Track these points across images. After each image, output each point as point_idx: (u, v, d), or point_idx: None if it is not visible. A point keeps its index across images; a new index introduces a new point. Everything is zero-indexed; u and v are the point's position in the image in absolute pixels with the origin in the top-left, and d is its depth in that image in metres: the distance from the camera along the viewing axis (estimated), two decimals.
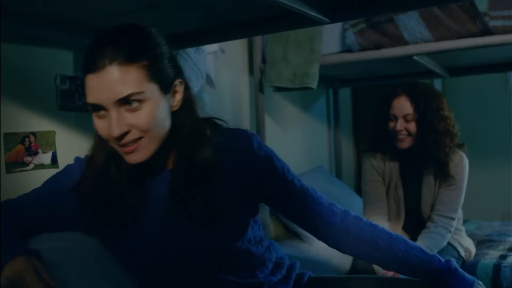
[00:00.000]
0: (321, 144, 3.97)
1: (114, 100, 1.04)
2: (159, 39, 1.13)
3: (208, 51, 2.47)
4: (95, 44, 1.07)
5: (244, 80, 3.01)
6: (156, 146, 1.11)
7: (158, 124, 1.09)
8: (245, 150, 1.21)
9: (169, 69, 1.12)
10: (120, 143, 1.07)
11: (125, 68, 1.03)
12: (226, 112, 2.82)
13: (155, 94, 1.08)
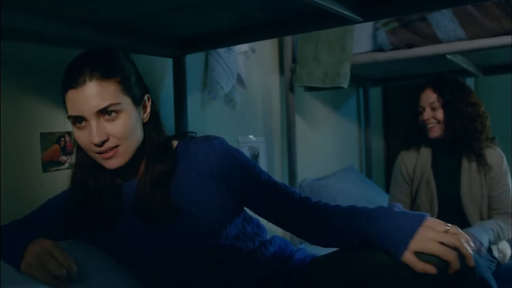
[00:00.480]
0: (352, 144, 3.95)
1: (95, 110, 1.18)
2: (127, 60, 1.29)
3: (239, 51, 2.48)
4: (75, 65, 1.21)
5: (275, 80, 3.01)
6: (132, 153, 1.25)
7: (132, 133, 1.23)
8: (207, 151, 1.32)
9: (138, 85, 1.28)
10: (99, 150, 1.20)
11: (102, 83, 1.18)
12: (257, 112, 2.83)
13: (129, 106, 1.23)
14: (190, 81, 2.12)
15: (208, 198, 1.30)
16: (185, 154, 1.33)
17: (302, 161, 3.10)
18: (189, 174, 1.31)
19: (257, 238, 1.42)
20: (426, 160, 2.36)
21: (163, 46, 1.93)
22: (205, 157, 1.31)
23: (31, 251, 1.14)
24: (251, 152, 2.72)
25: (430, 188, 2.33)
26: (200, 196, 1.30)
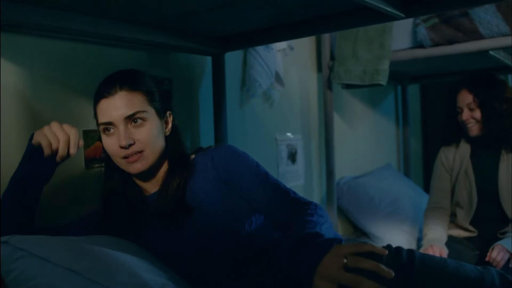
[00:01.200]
0: (389, 142, 3.91)
1: (123, 117, 1.30)
2: (152, 79, 1.44)
3: (277, 48, 2.48)
4: (107, 79, 1.36)
5: (312, 77, 3.00)
6: (154, 160, 1.37)
7: (155, 140, 1.36)
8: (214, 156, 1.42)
9: (161, 100, 1.42)
10: (125, 154, 1.32)
11: (131, 93, 1.32)
12: (295, 109, 2.82)
13: (153, 116, 1.36)
14: (228, 79, 2.13)
15: (219, 201, 1.38)
16: (198, 164, 1.44)
17: (340, 159, 3.08)
18: (200, 181, 1.41)
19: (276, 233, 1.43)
20: (465, 153, 2.42)
21: (202, 44, 1.95)
22: (211, 162, 1.42)
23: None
24: (288, 150, 2.72)
25: (468, 179, 2.37)
26: (211, 199, 1.38)
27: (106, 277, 1.07)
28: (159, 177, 1.44)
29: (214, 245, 1.35)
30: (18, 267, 1.07)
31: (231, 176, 1.40)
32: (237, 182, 1.40)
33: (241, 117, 2.41)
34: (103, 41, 1.77)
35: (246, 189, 1.39)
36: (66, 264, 1.07)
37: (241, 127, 2.40)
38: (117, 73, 1.39)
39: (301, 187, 2.86)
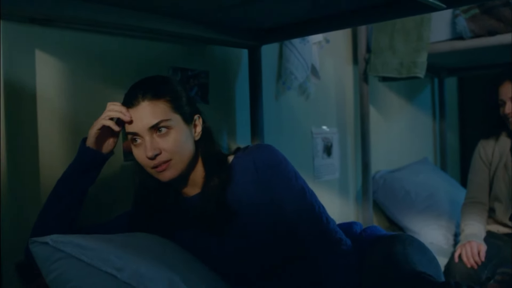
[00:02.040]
0: (426, 136, 3.85)
1: (148, 127, 1.28)
2: (177, 83, 1.41)
3: (313, 41, 2.46)
4: (131, 89, 1.35)
5: (348, 70, 2.97)
6: (183, 167, 1.34)
7: (183, 147, 1.32)
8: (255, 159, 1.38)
9: (188, 105, 1.37)
10: (153, 164, 1.30)
11: (154, 102, 1.29)
12: (330, 102, 2.80)
13: (179, 123, 1.33)
14: (264, 72, 2.13)
15: (260, 203, 1.36)
16: (238, 165, 1.41)
17: (376, 153, 3.05)
18: (241, 183, 1.38)
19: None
20: (505, 146, 2.35)
21: (239, 37, 1.95)
22: (253, 164, 1.38)
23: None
24: (324, 143, 2.70)
25: (508, 173, 2.31)
26: (253, 201, 1.36)
27: (142, 281, 1.06)
28: (198, 181, 1.42)
29: (254, 246, 1.35)
30: (57, 268, 1.08)
31: (268, 183, 1.37)
32: (273, 190, 1.37)
33: (277, 110, 2.40)
34: (140, 34, 1.78)
35: (279, 200, 1.36)
36: (104, 267, 1.07)
37: (276, 120, 2.39)
38: (140, 81, 1.37)
39: (337, 180, 2.84)
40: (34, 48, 1.53)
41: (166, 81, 1.37)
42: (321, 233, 1.34)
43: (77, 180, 1.36)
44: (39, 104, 1.53)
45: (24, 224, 1.48)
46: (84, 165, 1.36)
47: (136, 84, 1.35)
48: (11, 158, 1.47)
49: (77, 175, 1.36)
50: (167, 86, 1.35)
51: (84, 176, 1.37)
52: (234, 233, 1.35)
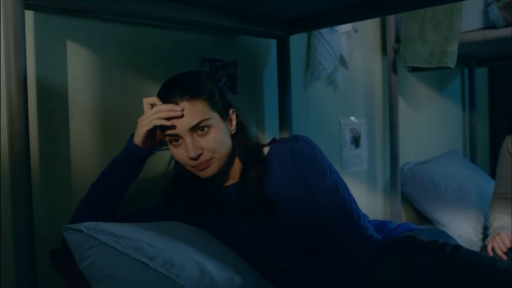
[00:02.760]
0: (455, 127, 3.80)
1: (188, 128, 1.28)
2: (210, 79, 1.39)
3: (341, 31, 2.44)
4: (166, 89, 1.33)
5: (377, 60, 2.94)
6: (223, 163, 1.36)
7: (223, 144, 1.34)
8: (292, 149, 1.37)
9: (222, 101, 1.37)
10: (195, 164, 1.31)
11: (192, 102, 1.29)
12: (359, 93, 2.78)
13: (217, 121, 1.33)
14: (292, 62, 2.12)
15: (297, 193, 1.36)
16: (275, 155, 1.40)
17: (404, 144, 3.02)
18: (279, 173, 1.38)
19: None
20: None
21: (268, 27, 1.94)
22: (290, 153, 1.37)
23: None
24: (352, 134, 2.69)
25: None
26: (290, 191, 1.36)
27: (174, 270, 1.06)
28: (234, 172, 1.43)
29: (287, 237, 1.35)
30: (90, 255, 1.08)
31: (304, 174, 1.36)
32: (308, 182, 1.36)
33: (305, 100, 2.39)
34: (170, 25, 1.78)
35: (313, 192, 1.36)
36: (136, 255, 1.07)
37: (305, 110, 2.38)
38: (175, 80, 1.35)
39: (364, 172, 2.82)
40: (66, 39, 1.54)
41: (201, 79, 1.36)
42: (351, 229, 1.33)
43: (120, 175, 1.38)
44: (70, 95, 1.55)
45: (57, 213, 1.51)
46: (129, 161, 1.38)
47: (171, 84, 1.34)
48: (43, 149, 1.49)
49: (121, 171, 1.38)
50: (203, 84, 1.34)
51: (128, 172, 1.39)
52: (268, 223, 1.35)
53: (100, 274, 1.07)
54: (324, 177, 1.35)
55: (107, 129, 1.64)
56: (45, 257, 1.47)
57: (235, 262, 1.26)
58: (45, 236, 1.47)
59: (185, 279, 1.05)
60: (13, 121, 1.26)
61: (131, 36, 1.70)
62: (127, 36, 1.69)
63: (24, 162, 1.27)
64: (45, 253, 1.47)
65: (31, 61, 1.46)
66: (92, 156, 1.60)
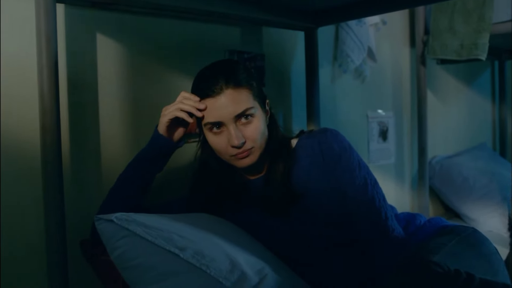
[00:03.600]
0: (485, 121, 3.74)
1: (233, 116, 1.26)
2: (249, 69, 1.38)
3: (369, 23, 2.41)
4: (208, 75, 1.30)
5: (405, 52, 2.90)
6: (261, 153, 1.34)
7: (263, 134, 1.33)
8: (321, 142, 1.35)
9: (260, 92, 1.36)
10: (237, 152, 1.29)
11: (237, 90, 1.27)
12: (386, 86, 2.75)
13: (259, 110, 1.32)
14: (320, 54, 2.11)
15: (324, 186, 1.34)
16: (303, 148, 1.38)
17: (432, 138, 2.98)
18: (307, 166, 1.35)
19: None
20: None
21: (295, 19, 1.93)
22: (318, 148, 1.35)
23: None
24: (379, 127, 2.66)
25: None
26: (317, 184, 1.34)
27: (204, 261, 1.06)
28: (262, 164, 1.41)
29: (315, 231, 1.34)
30: (122, 245, 1.09)
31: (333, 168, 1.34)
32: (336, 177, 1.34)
33: (332, 93, 2.38)
34: (198, 16, 1.79)
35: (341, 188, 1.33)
36: (168, 246, 1.07)
37: (332, 103, 2.37)
38: (218, 67, 1.32)
39: (392, 165, 2.80)
40: (95, 32, 1.56)
41: (244, 67, 1.34)
42: (377, 229, 1.30)
43: (146, 166, 1.39)
44: (100, 88, 1.56)
45: (87, 204, 1.53)
46: (154, 151, 1.38)
47: (214, 70, 1.31)
48: (73, 141, 1.51)
49: (147, 161, 1.38)
50: (246, 72, 1.32)
51: (154, 163, 1.39)
52: (295, 215, 1.34)
53: (131, 264, 1.08)
54: (353, 172, 1.33)
55: (136, 121, 1.65)
56: (75, 247, 1.49)
57: (263, 254, 1.26)
58: (75, 227, 1.49)
59: (215, 270, 1.05)
60: (45, 113, 1.28)
61: (159, 29, 1.71)
62: (156, 28, 1.70)
63: (56, 154, 1.29)
64: (75, 243, 1.49)
65: (62, 54, 1.48)
66: (121, 148, 1.62)
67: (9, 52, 1.38)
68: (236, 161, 1.32)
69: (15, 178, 1.40)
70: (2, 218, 1.38)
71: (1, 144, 1.37)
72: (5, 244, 1.39)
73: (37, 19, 1.27)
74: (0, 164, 1.37)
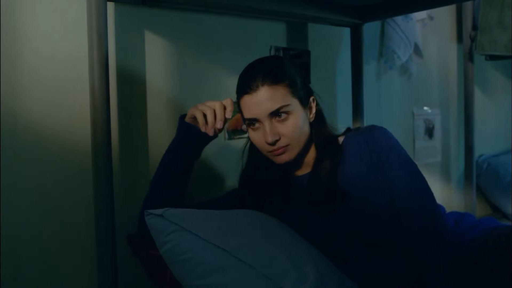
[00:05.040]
0: None
1: (268, 113, 1.27)
2: (293, 65, 1.36)
3: (416, 18, 2.37)
4: (247, 73, 1.32)
5: (452, 48, 2.84)
6: (299, 150, 1.34)
7: (301, 132, 1.32)
8: (368, 140, 1.34)
9: (304, 88, 1.35)
10: (272, 149, 1.30)
11: (273, 88, 1.27)
12: (433, 82, 2.70)
13: (297, 107, 1.31)
14: (365, 50, 2.08)
15: (371, 184, 1.32)
16: (350, 145, 1.37)
17: (480, 136, 2.91)
18: (354, 163, 1.34)
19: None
20: None
21: (342, 15, 1.91)
22: (366, 144, 1.34)
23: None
24: (425, 124, 2.62)
25: None
26: (364, 182, 1.32)
27: (253, 258, 1.06)
28: (309, 161, 1.40)
29: (359, 229, 1.32)
30: (171, 240, 1.10)
31: (380, 166, 1.32)
32: (384, 175, 1.32)
33: (378, 90, 2.35)
34: (243, 13, 1.79)
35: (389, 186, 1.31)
36: (216, 241, 1.08)
37: (377, 100, 2.34)
38: (257, 64, 1.33)
39: (438, 163, 2.75)
40: (144, 29, 1.58)
41: (283, 64, 1.34)
42: (426, 228, 1.27)
43: (180, 152, 1.40)
44: (148, 83, 1.59)
45: (135, 198, 1.55)
46: (182, 138, 1.39)
47: (253, 68, 1.33)
48: (122, 135, 1.54)
49: (179, 148, 1.39)
50: (285, 69, 1.31)
51: (186, 149, 1.40)
52: (341, 213, 1.33)
53: (181, 258, 1.09)
54: (401, 170, 1.31)
55: None
56: (122, 242, 1.52)
57: (310, 252, 1.25)
58: (122, 221, 1.51)
59: (263, 266, 1.05)
60: (96, 109, 1.30)
61: (206, 25, 1.72)
62: (203, 25, 1.71)
63: (106, 149, 1.31)
64: (123, 238, 1.52)
65: (111, 51, 1.50)
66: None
67: (61, 49, 1.41)
68: (273, 157, 1.34)
69: (66, 174, 1.44)
70: (54, 214, 1.42)
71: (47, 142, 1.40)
72: (56, 241, 1.43)
73: (89, 17, 1.29)
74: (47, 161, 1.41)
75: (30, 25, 1.36)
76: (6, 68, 1.32)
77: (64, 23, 1.41)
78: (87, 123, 1.42)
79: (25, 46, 1.35)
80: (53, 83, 1.40)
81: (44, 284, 1.41)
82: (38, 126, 1.38)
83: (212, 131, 1.33)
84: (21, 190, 1.36)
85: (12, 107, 1.34)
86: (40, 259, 1.40)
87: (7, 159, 1.33)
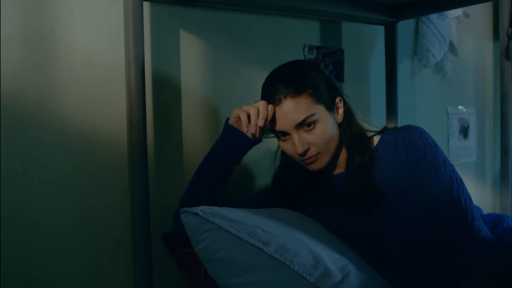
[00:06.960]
0: None
1: (293, 125, 1.27)
2: (315, 69, 1.35)
3: (451, 16, 2.34)
4: (270, 84, 1.32)
5: (488, 46, 2.79)
6: (331, 156, 1.33)
7: (330, 138, 1.31)
8: (405, 139, 1.32)
9: (328, 90, 1.32)
10: (303, 159, 1.31)
11: (296, 99, 1.26)
12: (468, 81, 2.66)
13: (323, 114, 1.29)
14: (399, 49, 2.07)
15: (410, 184, 1.30)
16: (386, 144, 1.35)
17: None
18: (389, 162, 1.32)
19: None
20: None
21: (376, 13, 1.90)
22: (403, 143, 1.31)
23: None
24: (460, 124, 2.57)
25: None
26: (400, 183, 1.30)
27: (288, 256, 1.06)
28: (341, 161, 1.40)
29: (394, 228, 1.31)
30: (206, 238, 1.11)
31: (417, 166, 1.30)
32: (420, 175, 1.30)
33: (412, 88, 2.32)
34: (277, 12, 1.79)
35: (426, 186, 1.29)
36: (251, 240, 1.08)
37: (411, 98, 2.32)
38: (279, 74, 1.33)
39: (473, 164, 2.70)
40: (179, 29, 1.59)
41: (304, 70, 1.32)
42: (463, 230, 1.24)
43: (220, 156, 1.39)
44: (182, 83, 1.60)
45: (170, 198, 1.56)
46: (226, 142, 1.39)
47: (274, 79, 1.32)
48: (157, 135, 1.55)
49: (222, 152, 1.39)
50: (307, 76, 1.30)
51: (228, 154, 1.39)
52: (377, 213, 1.32)
53: (216, 256, 1.09)
54: (438, 170, 1.29)
55: (217, 117, 1.68)
56: (158, 240, 1.53)
57: (345, 251, 1.25)
58: (157, 219, 1.53)
59: (299, 265, 1.05)
60: (132, 108, 1.32)
61: (240, 25, 1.73)
62: (237, 24, 1.72)
63: (142, 148, 1.33)
64: (157, 236, 1.53)
65: (147, 51, 1.51)
66: (203, 144, 1.64)
67: (98, 49, 1.43)
68: (306, 165, 1.34)
69: (102, 174, 1.46)
70: (91, 214, 1.44)
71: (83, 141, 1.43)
72: (94, 240, 1.45)
73: (125, 16, 1.31)
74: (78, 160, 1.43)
75: (67, 25, 1.38)
76: (45, 68, 1.35)
77: (100, 23, 1.43)
78: (123, 123, 1.44)
79: (63, 46, 1.38)
80: (91, 83, 1.42)
81: (82, 283, 1.43)
82: (76, 126, 1.40)
83: (254, 129, 1.31)
84: (60, 190, 1.39)
85: (51, 107, 1.36)
86: (79, 258, 1.43)
87: (46, 159, 1.36)
